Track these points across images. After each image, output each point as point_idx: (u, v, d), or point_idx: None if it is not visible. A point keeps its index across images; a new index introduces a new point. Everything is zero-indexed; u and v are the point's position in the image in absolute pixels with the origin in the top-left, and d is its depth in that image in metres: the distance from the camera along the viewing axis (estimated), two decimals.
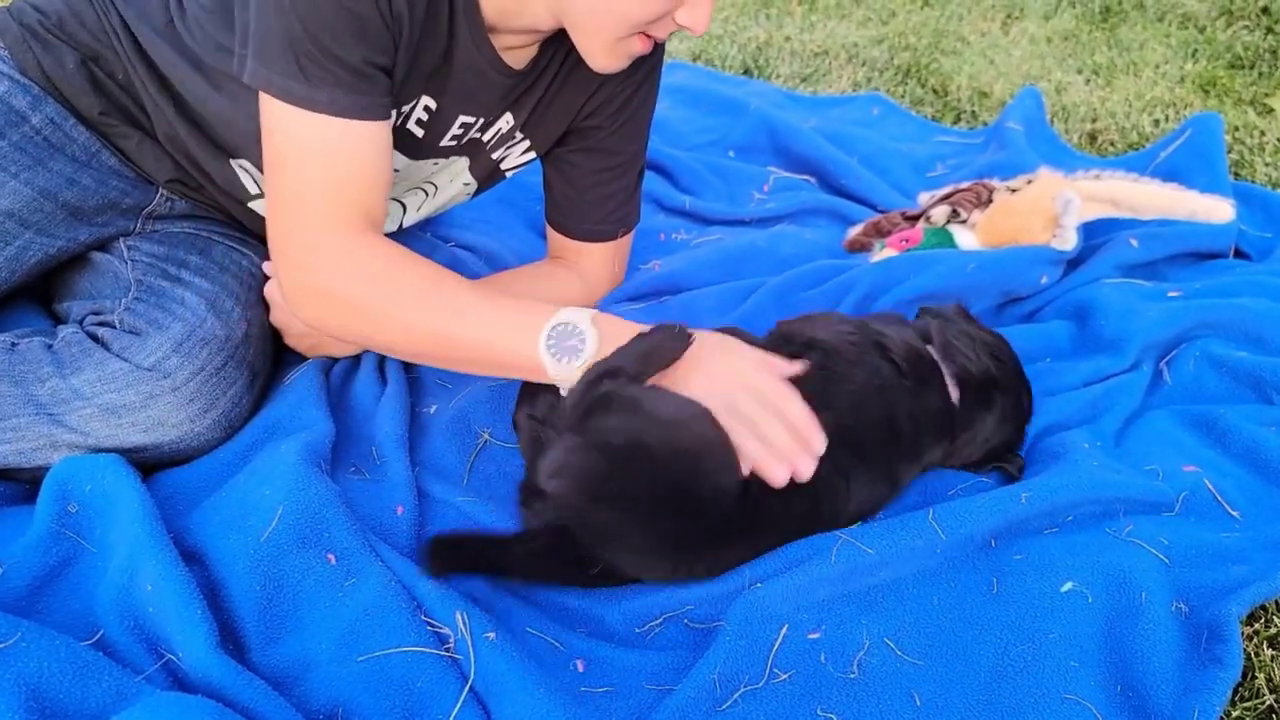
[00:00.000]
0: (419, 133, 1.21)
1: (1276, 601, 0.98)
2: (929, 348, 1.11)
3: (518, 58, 1.20)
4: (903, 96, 2.35)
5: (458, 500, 1.11)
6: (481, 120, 1.25)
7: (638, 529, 0.96)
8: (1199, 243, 1.53)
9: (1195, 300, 1.35)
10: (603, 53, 1.11)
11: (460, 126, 1.24)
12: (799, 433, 0.99)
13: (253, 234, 1.39)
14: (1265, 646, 0.95)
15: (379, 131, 1.07)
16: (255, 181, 1.28)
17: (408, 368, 1.31)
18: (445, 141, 1.25)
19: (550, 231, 1.42)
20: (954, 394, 1.08)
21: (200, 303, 1.17)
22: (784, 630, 0.93)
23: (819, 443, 0.99)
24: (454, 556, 0.98)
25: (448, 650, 0.91)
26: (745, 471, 0.97)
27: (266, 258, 1.39)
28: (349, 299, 1.07)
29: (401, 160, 1.24)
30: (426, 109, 1.18)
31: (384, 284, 1.07)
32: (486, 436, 1.18)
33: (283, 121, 1.03)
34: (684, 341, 1.02)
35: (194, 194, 1.32)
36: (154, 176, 1.29)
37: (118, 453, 1.09)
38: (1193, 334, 1.31)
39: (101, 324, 1.15)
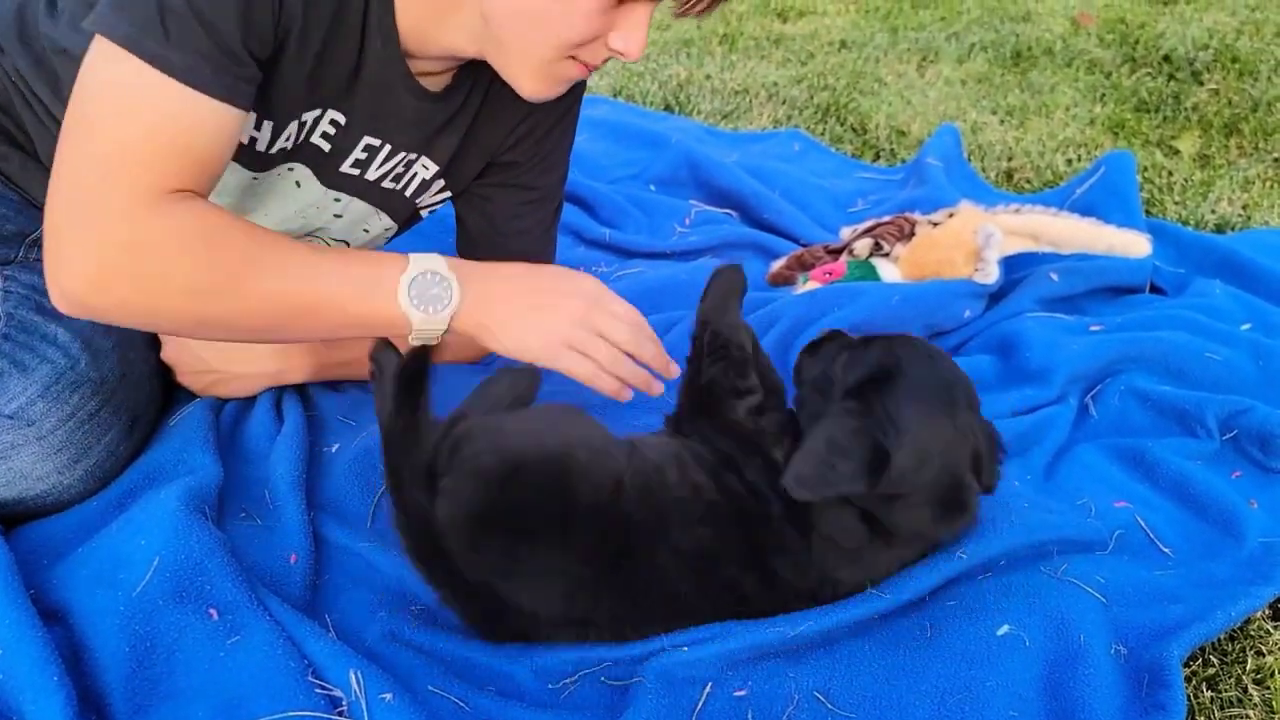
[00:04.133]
0: (325, 146, 1.10)
1: (1213, 641, 0.95)
2: None
3: (433, 83, 1.11)
4: (823, 134, 2.36)
5: (359, 546, 1.03)
6: (388, 148, 1.14)
7: (528, 549, 0.88)
8: (1117, 278, 1.53)
9: (1117, 334, 1.35)
10: (532, 77, 1.02)
11: (364, 150, 1.13)
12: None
13: None
14: (1204, 688, 0.92)
15: (230, 120, 0.92)
16: None
17: (306, 404, 1.23)
18: (347, 166, 1.13)
19: None
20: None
21: (73, 341, 1.06)
22: (707, 689, 0.87)
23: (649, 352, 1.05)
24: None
25: (340, 714, 0.82)
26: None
27: None
28: (167, 269, 0.90)
29: (311, 186, 1.14)
30: (334, 123, 1.08)
31: (212, 248, 0.91)
32: None
33: (116, 75, 0.87)
34: (532, 381, 0.98)
35: None
36: (39, 199, 1.19)
37: None
38: (1116, 367, 1.31)
39: None
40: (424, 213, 1.30)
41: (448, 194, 1.27)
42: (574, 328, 1.02)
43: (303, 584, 0.98)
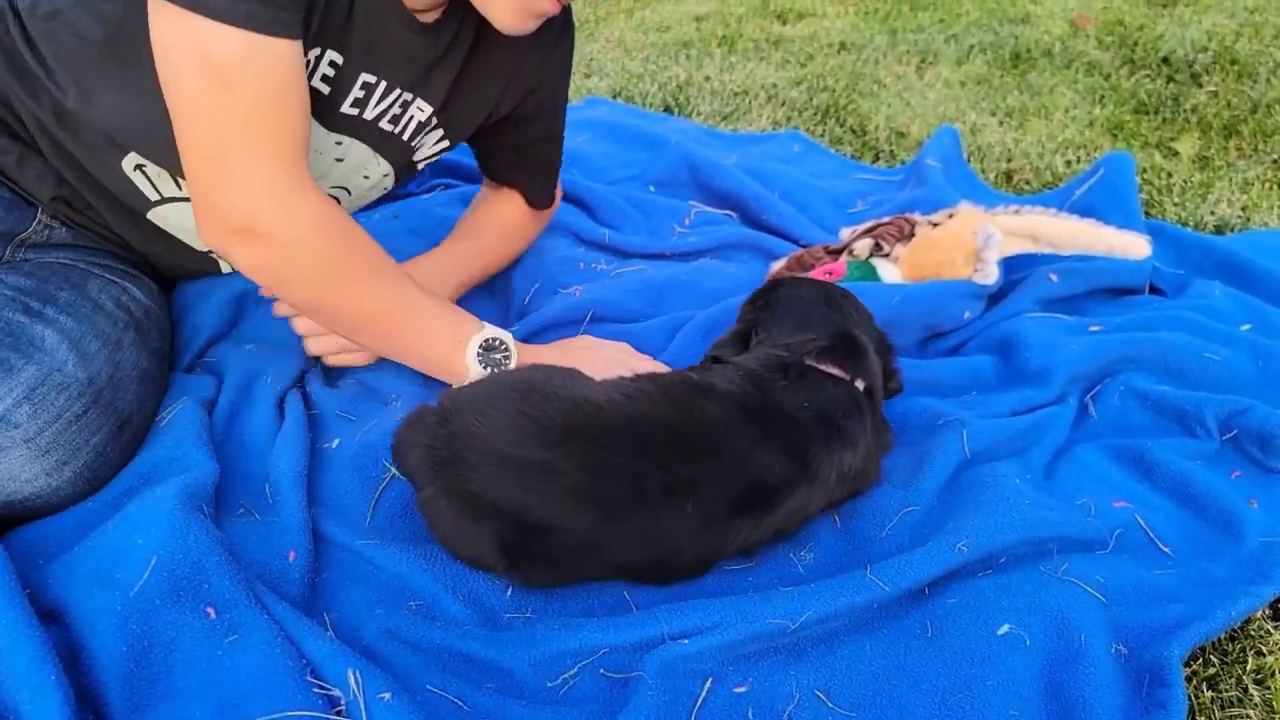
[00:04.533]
0: (324, 89, 1.13)
1: (1213, 641, 0.95)
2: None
3: (423, 17, 1.16)
4: (822, 135, 2.36)
5: (357, 544, 1.02)
6: (383, 84, 1.17)
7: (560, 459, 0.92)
8: (1116, 278, 1.53)
9: (1116, 334, 1.35)
10: (509, 10, 1.08)
11: (361, 88, 1.16)
12: None
13: (140, 262, 1.29)
14: (1204, 688, 0.92)
15: (293, 52, 0.99)
16: (153, 184, 1.18)
17: (308, 403, 1.23)
18: (346, 106, 1.17)
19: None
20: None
21: (60, 343, 1.06)
22: (708, 684, 0.86)
23: None
24: None
25: (339, 714, 0.82)
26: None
27: (154, 286, 1.30)
28: (305, 245, 1.04)
29: (314, 130, 1.17)
30: (332, 64, 1.11)
31: (349, 241, 1.08)
32: (394, 471, 1.10)
33: (198, 40, 0.93)
34: None
35: (78, 216, 1.21)
36: (35, 195, 1.18)
37: None
38: (1116, 368, 1.30)
39: None
40: (420, 165, 1.37)
41: (446, 144, 1.36)
42: (605, 364, 1.20)
43: (301, 582, 0.98)
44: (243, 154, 0.98)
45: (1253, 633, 0.97)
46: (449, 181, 1.89)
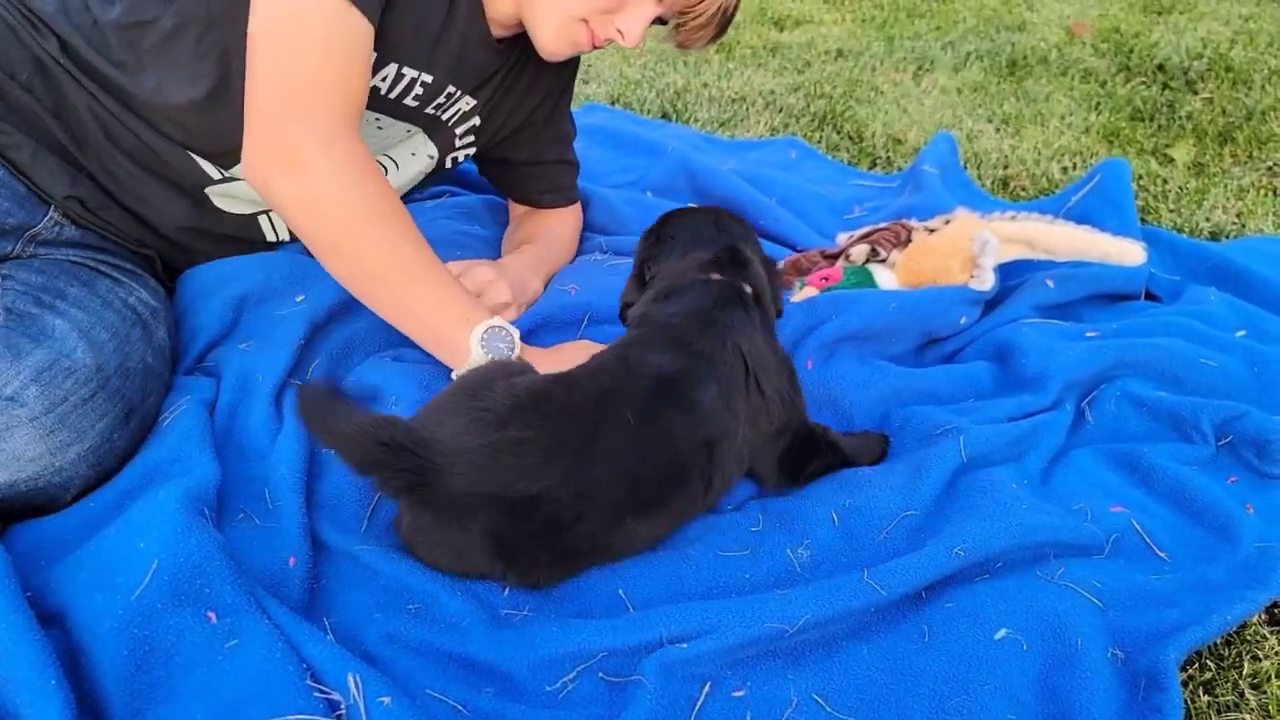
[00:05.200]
0: (413, 103, 1.31)
1: (1209, 646, 0.96)
2: None
3: (499, 31, 1.32)
4: (819, 142, 2.37)
5: (355, 548, 1.02)
6: (451, 88, 1.32)
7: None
8: (1112, 285, 1.54)
9: (1113, 340, 1.35)
10: (553, 34, 1.24)
11: (445, 96, 1.33)
12: None
13: (147, 261, 1.31)
14: (1200, 692, 0.92)
15: (367, 34, 1.13)
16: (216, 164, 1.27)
17: None
18: (409, 100, 1.31)
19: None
20: None
21: (70, 331, 1.08)
22: (706, 688, 0.87)
23: None
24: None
25: (339, 718, 0.82)
26: None
27: (158, 288, 1.31)
28: (347, 182, 1.11)
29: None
30: (423, 83, 1.28)
31: (377, 187, 1.13)
32: None
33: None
34: None
35: (91, 215, 1.24)
36: (48, 192, 1.20)
37: None
38: (1112, 373, 1.31)
39: None
40: (448, 161, 1.49)
41: (473, 142, 1.48)
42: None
43: (301, 587, 0.98)
44: (306, 94, 1.09)
45: (1249, 637, 0.98)
46: (454, 190, 1.89)
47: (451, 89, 1.32)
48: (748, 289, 1.15)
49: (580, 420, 0.98)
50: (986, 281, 1.46)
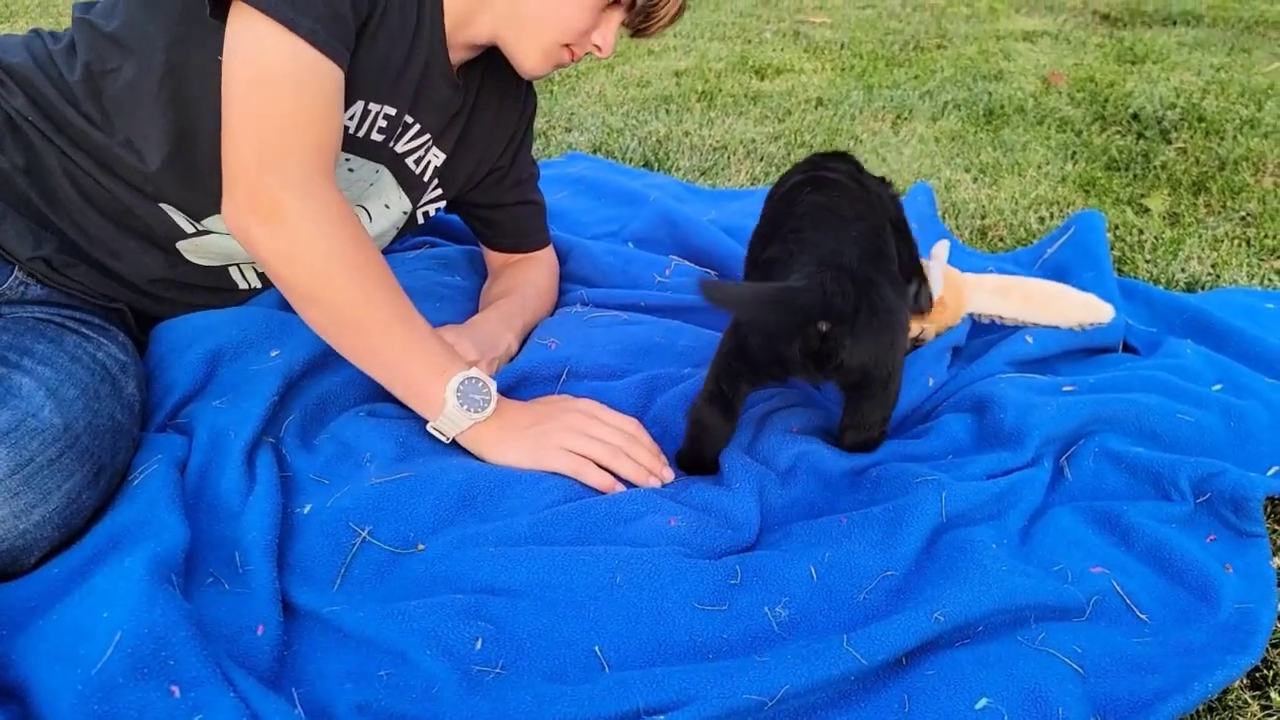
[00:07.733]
0: (379, 138, 1.32)
1: (1191, 714, 0.95)
2: None
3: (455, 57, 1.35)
4: None
5: (325, 610, 1.00)
6: (417, 126, 1.35)
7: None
8: (1090, 338, 1.55)
9: (1090, 395, 1.35)
10: (539, 58, 1.29)
11: (414, 135, 1.36)
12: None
13: (117, 315, 1.29)
14: None
15: (338, 79, 1.14)
16: (188, 219, 1.27)
17: (281, 465, 1.21)
18: (391, 143, 1.34)
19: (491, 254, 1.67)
20: None
21: (37, 389, 1.06)
22: None
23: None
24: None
25: None
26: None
27: (128, 342, 1.30)
28: (324, 232, 1.10)
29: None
30: (386, 116, 1.30)
31: (355, 238, 1.13)
32: (365, 535, 1.09)
33: (260, 40, 1.08)
34: None
35: (56, 274, 1.22)
36: (14, 254, 1.19)
37: None
38: (1090, 429, 1.31)
39: None
40: (420, 215, 1.51)
41: (441, 194, 1.51)
42: (567, 433, 1.20)
43: (270, 656, 0.96)
44: (279, 144, 1.09)
45: (1230, 703, 0.97)
46: (433, 240, 1.89)
47: (409, 119, 1.33)
48: None
49: None
50: (937, 286, 1.47)
